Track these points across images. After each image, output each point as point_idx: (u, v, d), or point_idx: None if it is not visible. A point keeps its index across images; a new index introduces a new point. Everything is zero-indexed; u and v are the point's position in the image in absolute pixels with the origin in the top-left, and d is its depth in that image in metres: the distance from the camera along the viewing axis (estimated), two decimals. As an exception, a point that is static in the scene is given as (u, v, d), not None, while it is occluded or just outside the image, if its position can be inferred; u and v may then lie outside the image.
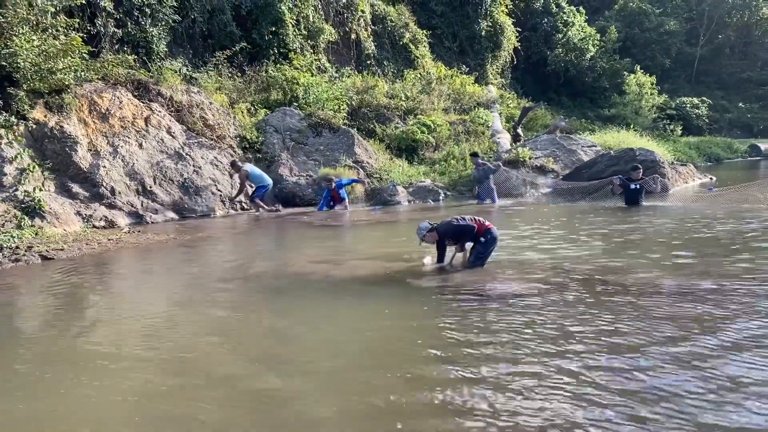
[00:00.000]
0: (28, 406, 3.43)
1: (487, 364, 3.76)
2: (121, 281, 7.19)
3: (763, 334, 4.13)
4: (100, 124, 12.44)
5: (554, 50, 35.68)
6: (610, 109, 33.02)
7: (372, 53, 24.49)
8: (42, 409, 3.40)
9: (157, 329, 4.91)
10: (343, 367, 3.89)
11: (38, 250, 8.45)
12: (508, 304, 5.20)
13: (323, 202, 13.90)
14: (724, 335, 4.12)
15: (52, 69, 11.62)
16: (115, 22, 15.23)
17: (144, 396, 3.51)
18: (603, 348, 3.97)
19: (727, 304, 4.86)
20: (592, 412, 3.06)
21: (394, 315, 5.11)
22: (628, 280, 5.80)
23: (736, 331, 4.21)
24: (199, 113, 14.75)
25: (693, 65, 46.77)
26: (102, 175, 11.68)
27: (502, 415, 3.07)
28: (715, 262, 6.53)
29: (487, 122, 21.71)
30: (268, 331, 4.86)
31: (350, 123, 18.62)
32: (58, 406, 3.43)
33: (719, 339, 4.05)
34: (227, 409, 3.28)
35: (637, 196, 12.46)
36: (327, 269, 7.18)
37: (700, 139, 31.77)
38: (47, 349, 4.49)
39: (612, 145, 17.72)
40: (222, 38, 18.40)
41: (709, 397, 3.20)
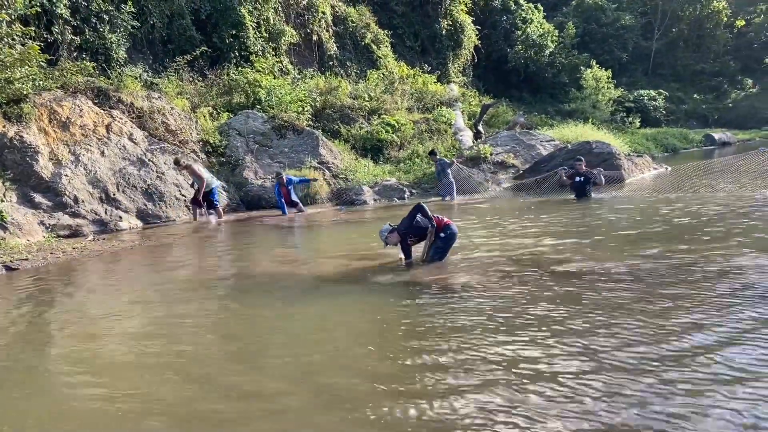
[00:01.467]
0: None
1: (452, 354, 3.99)
2: (86, 289, 7.23)
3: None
4: (60, 132, 12.37)
5: (514, 47, 36.24)
6: (570, 103, 33.69)
7: (334, 54, 24.63)
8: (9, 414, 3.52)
9: (125, 335, 5.02)
10: (315, 363, 4.07)
11: (2, 260, 8.43)
12: (466, 294, 5.44)
13: (279, 200, 13.60)
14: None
15: (9, 79, 11.55)
16: (72, 29, 15.14)
17: (114, 399, 3.64)
18: (556, 330, 4.24)
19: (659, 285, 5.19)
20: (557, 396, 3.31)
21: (365, 311, 5.31)
22: (570, 268, 6.10)
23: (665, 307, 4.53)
24: (161, 119, 14.73)
25: (649, 59, 47.94)
26: (64, 184, 11.63)
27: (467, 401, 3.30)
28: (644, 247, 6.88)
29: (449, 120, 22.05)
30: (238, 331, 5.00)
31: (314, 124, 18.76)
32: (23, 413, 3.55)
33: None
34: (205, 404, 3.45)
35: (584, 187, 12.60)
36: (292, 269, 7.37)
37: (657, 131, 32.62)
38: (12, 358, 4.57)
39: (570, 139, 18.19)
40: (182, 43, 18.37)
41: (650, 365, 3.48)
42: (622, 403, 3.10)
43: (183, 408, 3.42)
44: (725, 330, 4.04)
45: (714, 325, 4.13)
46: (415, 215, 6.88)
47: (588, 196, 12.52)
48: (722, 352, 3.67)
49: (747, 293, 4.82)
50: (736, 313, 4.35)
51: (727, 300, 4.69)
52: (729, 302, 4.63)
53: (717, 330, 4.04)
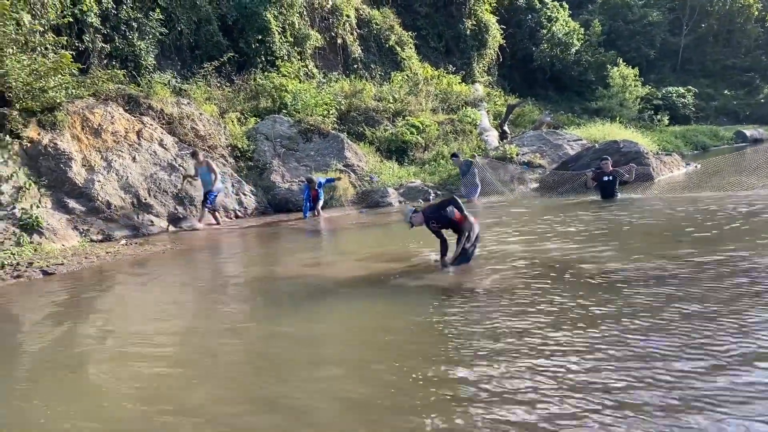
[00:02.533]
0: (38, 413, 3.66)
1: (487, 358, 4.01)
2: (121, 293, 7.41)
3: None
4: (93, 139, 12.65)
5: (539, 46, 36.00)
6: (596, 102, 33.32)
7: (359, 57, 24.75)
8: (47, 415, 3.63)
9: (160, 337, 5.13)
10: (351, 364, 4.13)
11: (39, 265, 8.66)
12: (496, 297, 5.45)
13: (306, 204, 13.79)
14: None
15: (44, 87, 11.85)
16: (102, 37, 15.47)
17: (151, 400, 3.74)
18: (586, 335, 4.22)
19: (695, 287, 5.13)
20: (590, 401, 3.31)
21: (397, 313, 5.35)
22: (599, 269, 6.06)
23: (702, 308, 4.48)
24: (190, 124, 14.98)
25: (678, 55, 47.18)
26: (97, 190, 11.88)
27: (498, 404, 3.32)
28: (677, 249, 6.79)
29: (474, 121, 22.01)
30: (272, 334, 5.07)
31: (340, 127, 18.88)
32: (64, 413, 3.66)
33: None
34: (240, 406, 3.53)
35: (612, 188, 12.40)
36: (320, 272, 7.46)
37: (686, 128, 32.07)
38: (52, 359, 4.71)
39: (597, 138, 18.02)
40: (209, 49, 18.64)
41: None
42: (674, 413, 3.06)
43: (210, 412, 3.50)
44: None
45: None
46: (447, 206, 6.92)
47: (615, 196, 12.35)
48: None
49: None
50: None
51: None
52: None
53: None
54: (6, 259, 8.90)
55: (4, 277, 8.10)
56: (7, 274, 8.22)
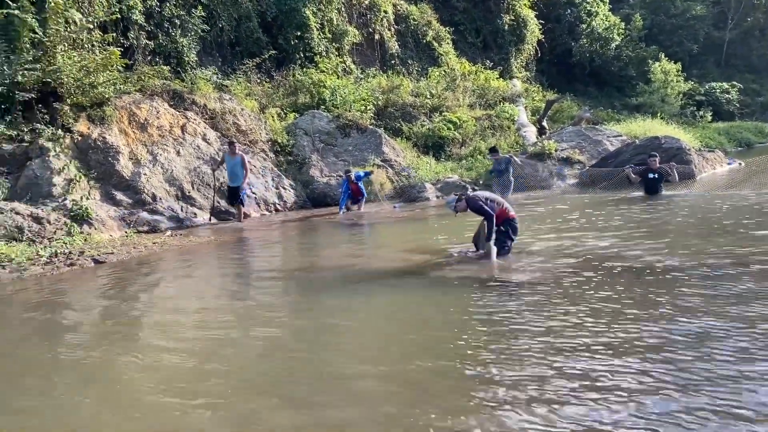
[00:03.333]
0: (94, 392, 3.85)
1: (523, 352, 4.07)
2: (170, 281, 7.66)
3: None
4: (139, 133, 13.01)
5: (579, 41, 35.52)
6: (637, 98, 32.72)
7: (396, 53, 24.81)
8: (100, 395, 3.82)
9: (209, 322, 5.32)
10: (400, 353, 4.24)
11: (90, 254, 8.99)
12: (536, 290, 5.48)
13: (343, 197, 13.80)
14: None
15: (93, 83, 12.26)
16: (146, 34, 15.86)
17: (196, 384, 3.90)
18: (627, 330, 4.24)
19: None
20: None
21: (435, 306, 5.44)
22: (645, 265, 6.02)
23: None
24: (232, 119, 15.28)
25: (722, 49, 45.97)
26: (143, 183, 12.23)
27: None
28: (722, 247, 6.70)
29: (512, 116, 21.89)
30: (320, 323, 5.20)
31: (377, 123, 19.00)
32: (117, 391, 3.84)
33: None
34: (306, 387, 3.66)
35: (657, 185, 12.28)
36: (360, 264, 7.59)
37: (729, 125, 31.28)
38: (111, 340, 4.92)
39: (638, 134, 17.75)
40: (249, 45, 18.94)
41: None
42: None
43: (257, 389, 3.63)
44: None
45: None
46: (488, 200, 7.02)
47: (659, 193, 12.18)
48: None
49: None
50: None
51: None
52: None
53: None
54: (59, 248, 9.26)
55: (58, 264, 8.43)
56: (61, 262, 8.56)
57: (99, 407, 3.53)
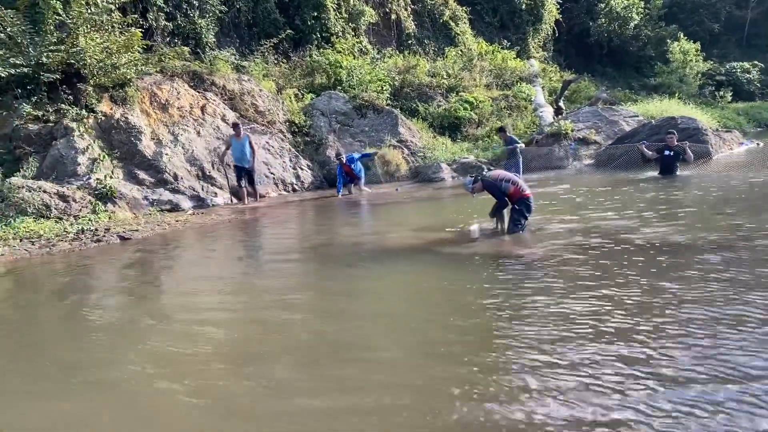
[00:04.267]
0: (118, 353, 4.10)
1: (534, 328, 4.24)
2: (195, 256, 7.93)
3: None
4: (160, 114, 13.26)
5: (597, 20, 35.07)
6: (655, 78, 32.33)
7: (413, 33, 24.74)
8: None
9: (233, 295, 5.56)
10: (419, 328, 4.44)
11: (116, 231, 9.29)
12: (546, 269, 5.63)
13: (339, 180, 13.66)
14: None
15: (115, 64, 12.49)
16: (165, 15, 16.01)
17: (224, 358, 4.13)
18: (648, 310, 4.38)
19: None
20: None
21: (450, 282, 5.62)
22: (651, 243, 6.14)
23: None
24: (250, 100, 15.48)
25: (744, 29, 45.06)
26: (165, 162, 12.49)
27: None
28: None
29: (529, 97, 21.83)
30: (337, 295, 5.42)
31: (393, 103, 19.08)
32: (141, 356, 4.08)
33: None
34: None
35: (673, 164, 12.07)
36: (378, 241, 7.79)
37: (750, 105, 30.84)
38: (139, 313, 5.18)
39: (654, 114, 17.65)
40: (266, 26, 19.04)
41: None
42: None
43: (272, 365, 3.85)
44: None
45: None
46: (503, 181, 7.18)
47: (674, 173, 12.07)
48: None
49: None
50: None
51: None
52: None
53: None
54: (86, 225, 9.58)
55: (85, 241, 8.73)
56: (88, 238, 8.86)
57: (128, 384, 3.77)
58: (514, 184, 7.19)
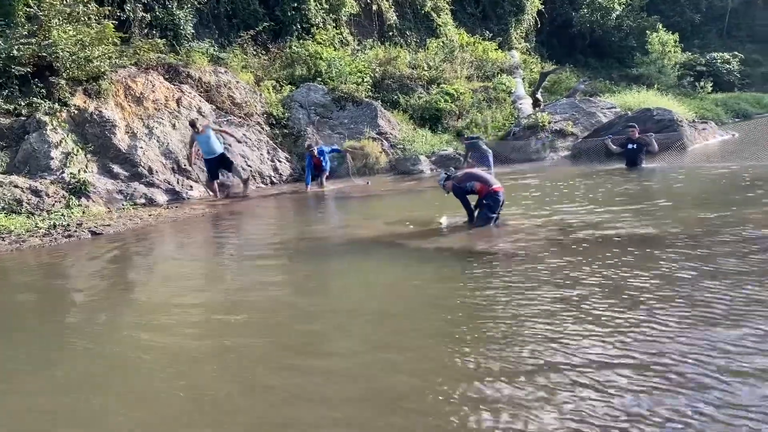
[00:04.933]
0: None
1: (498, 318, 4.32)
2: (165, 252, 7.94)
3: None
4: (135, 107, 13.18)
5: (579, 11, 35.16)
6: (637, 68, 32.53)
7: (394, 24, 24.66)
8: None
9: (200, 289, 5.59)
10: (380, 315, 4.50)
11: (87, 226, 9.27)
12: (513, 261, 5.71)
13: (308, 173, 13.40)
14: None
15: (89, 57, 12.38)
16: (143, 6, 15.86)
17: (192, 351, 4.17)
18: (618, 299, 4.47)
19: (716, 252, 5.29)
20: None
21: (418, 276, 5.69)
22: (613, 236, 6.24)
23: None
24: (227, 92, 15.41)
25: (724, 19, 45.42)
26: (140, 156, 12.43)
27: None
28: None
29: (509, 88, 21.90)
30: (306, 288, 5.47)
31: (374, 95, 19.06)
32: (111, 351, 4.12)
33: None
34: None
35: (636, 156, 12.24)
36: (348, 233, 7.84)
37: (728, 96, 31.11)
38: (95, 313, 5.20)
39: (632, 105, 17.76)
40: (246, 17, 18.91)
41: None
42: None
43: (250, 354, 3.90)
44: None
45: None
46: (468, 180, 7.28)
47: (639, 165, 12.20)
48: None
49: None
50: None
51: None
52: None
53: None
54: (57, 220, 9.53)
55: (57, 236, 8.71)
56: (59, 234, 8.83)
57: (100, 379, 3.80)
58: (480, 180, 7.26)
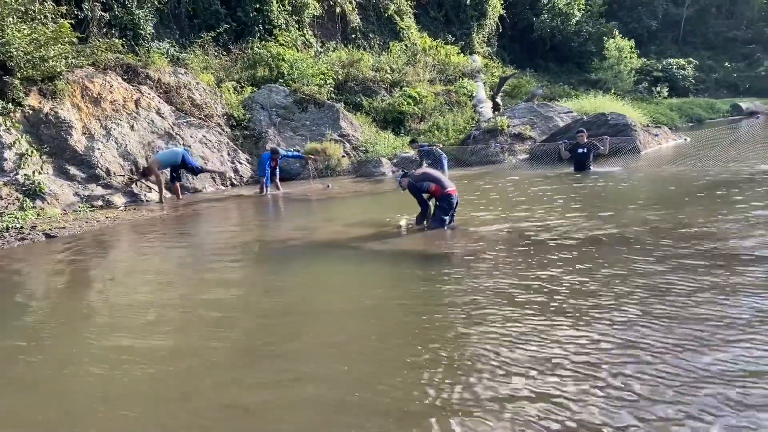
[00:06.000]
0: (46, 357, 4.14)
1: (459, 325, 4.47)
2: (120, 255, 7.88)
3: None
4: (92, 108, 13.01)
5: (540, 16, 35.87)
6: (595, 73, 33.34)
7: (357, 26, 24.82)
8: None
9: (156, 294, 5.60)
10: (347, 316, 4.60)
11: (42, 228, 9.14)
12: (464, 261, 5.89)
13: (267, 175, 13.09)
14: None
15: (44, 57, 12.18)
16: (101, 5, 15.64)
17: (145, 356, 4.21)
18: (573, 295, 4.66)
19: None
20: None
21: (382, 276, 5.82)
22: (558, 237, 6.48)
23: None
24: (187, 94, 15.31)
25: (680, 26, 46.82)
26: (97, 157, 12.29)
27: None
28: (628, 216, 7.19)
29: (471, 92, 22.25)
30: (266, 291, 5.54)
31: (337, 97, 19.18)
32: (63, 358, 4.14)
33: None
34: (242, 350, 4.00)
35: (585, 160, 12.56)
36: (307, 236, 7.92)
37: (682, 101, 32.12)
38: (49, 320, 5.19)
39: (588, 110, 18.23)
40: (207, 17, 18.83)
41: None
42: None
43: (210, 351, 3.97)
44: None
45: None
46: (424, 180, 7.47)
47: (587, 169, 12.50)
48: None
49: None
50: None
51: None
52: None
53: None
54: (10, 223, 9.37)
55: (9, 239, 8.57)
56: (12, 237, 8.70)
57: (53, 387, 3.82)
58: (435, 182, 7.45)
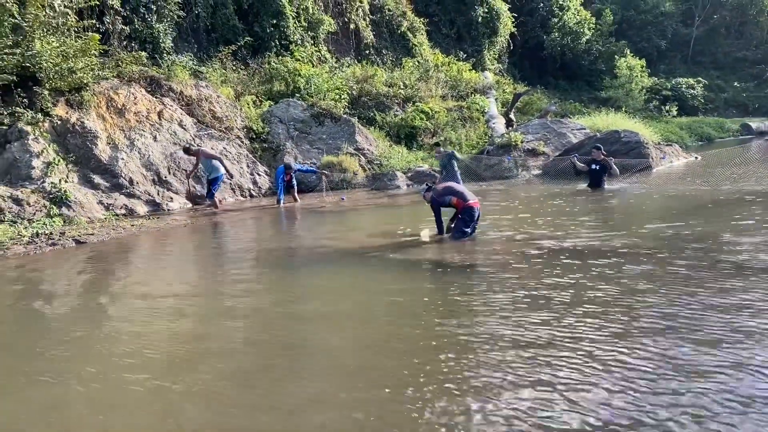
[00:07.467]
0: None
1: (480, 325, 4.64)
2: (149, 261, 8.10)
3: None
4: (117, 119, 13.30)
5: (550, 34, 36.28)
6: (605, 91, 33.65)
7: (371, 43, 25.20)
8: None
9: (185, 300, 5.80)
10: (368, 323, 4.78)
11: (71, 235, 9.36)
12: (485, 272, 6.06)
13: (280, 188, 13.46)
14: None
15: (72, 68, 12.48)
16: (122, 19, 15.98)
17: (167, 357, 4.39)
18: (585, 308, 4.82)
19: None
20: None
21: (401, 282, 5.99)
22: (576, 251, 6.65)
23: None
24: (208, 106, 15.61)
25: (689, 46, 47.18)
26: (121, 167, 12.54)
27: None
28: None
29: (483, 108, 22.52)
30: (291, 296, 5.72)
31: (351, 112, 19.44)
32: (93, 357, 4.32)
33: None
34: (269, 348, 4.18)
35: (599, 177, 12.61)
36: (331, 246, 8.10)
37: (692, 120, 32.36)
38: (93, 313, 5.38)
39: (601, 127, 18.46)
40: (225, 32, 19.19)
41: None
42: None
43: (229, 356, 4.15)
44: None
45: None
46: (447, 195, 7.66)
47: (601, 186, 12.55)
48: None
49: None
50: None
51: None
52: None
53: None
54: (40, 229, 9.61)
55: (41, 245, 8.79)
56: (43, 242, 8.92)
57: (82, 387, 4.00)
58: (456, 195, 7.65)
